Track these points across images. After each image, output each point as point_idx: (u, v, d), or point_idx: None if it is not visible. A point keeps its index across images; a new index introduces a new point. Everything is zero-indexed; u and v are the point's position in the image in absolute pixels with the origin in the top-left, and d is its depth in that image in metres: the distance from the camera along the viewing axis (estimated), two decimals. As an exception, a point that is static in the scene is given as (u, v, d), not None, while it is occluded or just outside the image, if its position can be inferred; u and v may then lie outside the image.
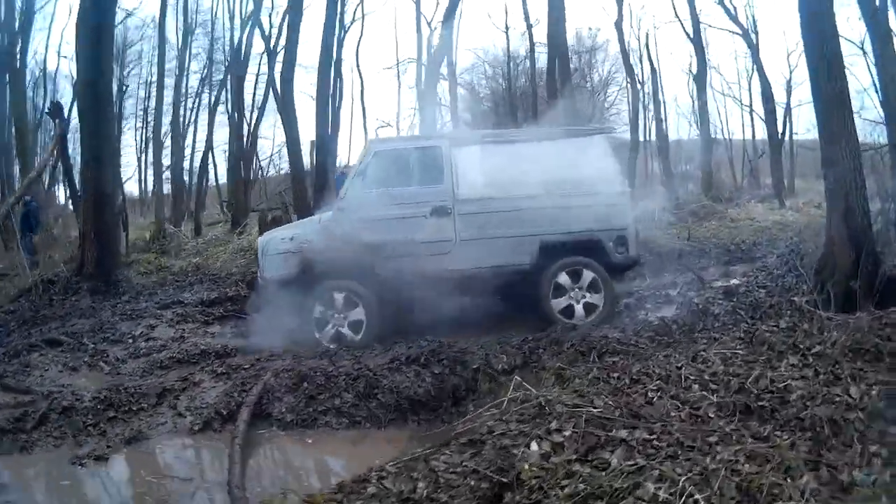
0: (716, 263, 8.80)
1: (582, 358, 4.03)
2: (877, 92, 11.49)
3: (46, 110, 14.84)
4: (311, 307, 5.29)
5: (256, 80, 21.40)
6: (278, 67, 14.75)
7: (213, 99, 21.17)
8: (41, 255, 10.02)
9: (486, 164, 5.61)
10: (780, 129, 18.35)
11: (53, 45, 37.36)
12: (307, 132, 31.51)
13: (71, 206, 11.16)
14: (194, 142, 23.23)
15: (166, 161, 20.19)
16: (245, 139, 18.93)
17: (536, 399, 2.85)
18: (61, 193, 18.76)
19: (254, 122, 19.65)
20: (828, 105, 4.76)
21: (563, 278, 5.61)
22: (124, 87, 21.20)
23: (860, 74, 20.68)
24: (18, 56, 15.14)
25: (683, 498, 1.96)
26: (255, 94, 21.40)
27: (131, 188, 24.76)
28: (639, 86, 20.50)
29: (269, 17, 19.22)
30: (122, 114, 21.19)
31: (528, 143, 5.87)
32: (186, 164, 21.77)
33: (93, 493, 3.44)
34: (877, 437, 2.25)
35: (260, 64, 20.35)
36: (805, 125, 25.34)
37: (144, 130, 25.06)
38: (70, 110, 13.05)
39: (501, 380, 3.96)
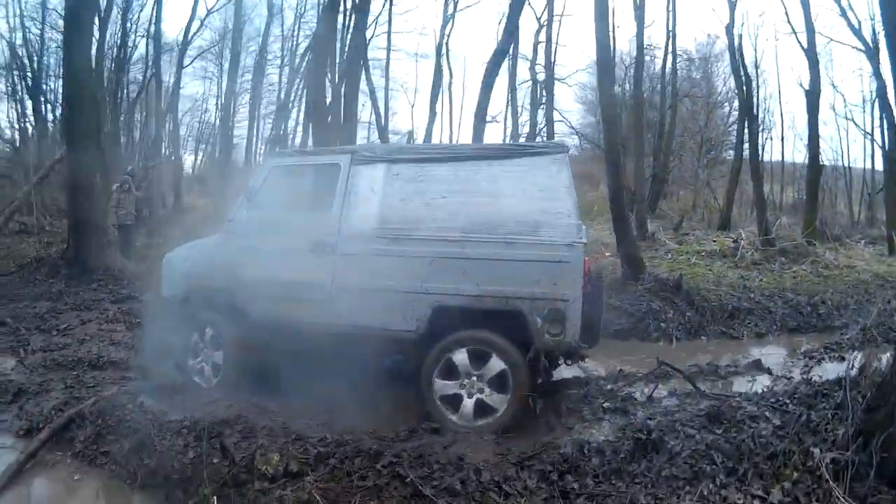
0: (774, 330, 7.66)
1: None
2: None
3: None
4: (188, 334, 4.86)
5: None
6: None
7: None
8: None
9: (388, 189, 4.43)
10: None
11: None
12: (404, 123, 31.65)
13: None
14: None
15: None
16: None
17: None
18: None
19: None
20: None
21: (461, 357, 4.11)
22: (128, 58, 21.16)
23: None
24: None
25: None
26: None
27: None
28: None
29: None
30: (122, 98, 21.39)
31: (448, 164, 4.42)
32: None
33: None
34: None
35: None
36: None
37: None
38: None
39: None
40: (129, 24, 20.32)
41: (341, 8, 14.20)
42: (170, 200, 18.00)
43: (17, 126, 19.72)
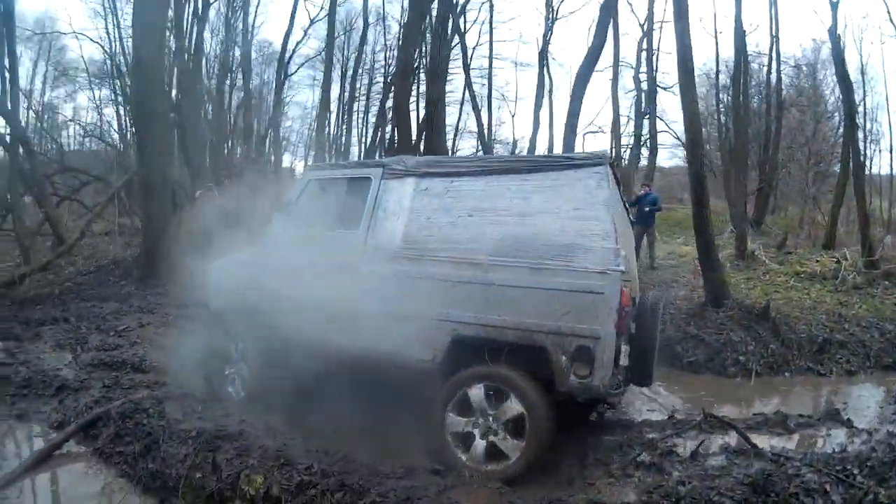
0: (866, 367, 6.82)
1: None
2: None
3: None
4: (224, 345, 4.91)
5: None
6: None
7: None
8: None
9: (416, 205, 4.24)
10: None
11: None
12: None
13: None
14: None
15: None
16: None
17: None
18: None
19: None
20: None
21: (477, 392, 3.78)
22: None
23: None
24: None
25: None
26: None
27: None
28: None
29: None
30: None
31: (478, 179, 4.13)
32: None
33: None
34: None
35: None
36: None
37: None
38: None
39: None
40: (231, 34, 22.16)
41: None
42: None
43: (118, 131, 21.63)
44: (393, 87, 14.57)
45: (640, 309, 4.22)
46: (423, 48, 17.11)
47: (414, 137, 14.12)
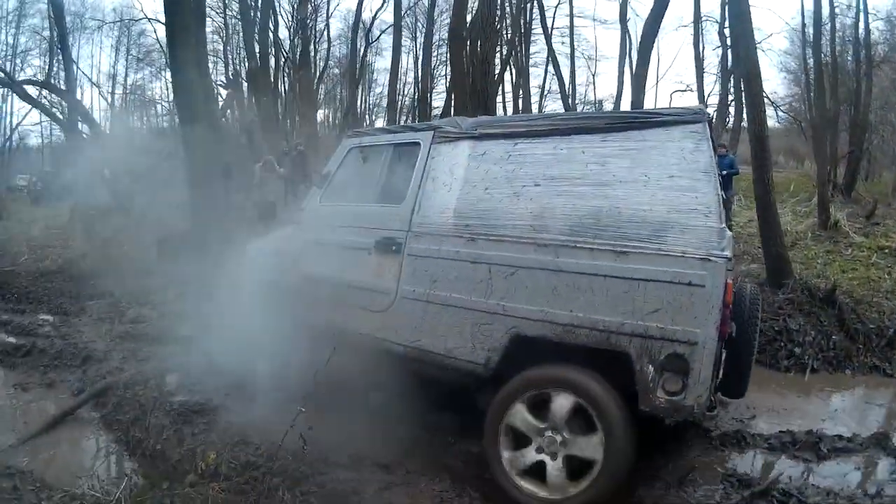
0: None
1: None
2: None
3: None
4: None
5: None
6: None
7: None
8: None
9: (472, 173, 3.66)
10: None
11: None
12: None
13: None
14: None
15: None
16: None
17: None
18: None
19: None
20: None
21: (522, 411, 3.20)
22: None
23: None
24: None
25: None
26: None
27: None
28: None
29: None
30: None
31: (547, 141, 3.46)
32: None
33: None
34: None
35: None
36: None
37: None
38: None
39: None
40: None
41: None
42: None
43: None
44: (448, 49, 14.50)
45: (736, 303, 3.46)
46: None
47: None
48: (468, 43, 12.73)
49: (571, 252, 3.17)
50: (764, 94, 21.42)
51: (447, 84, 26.91)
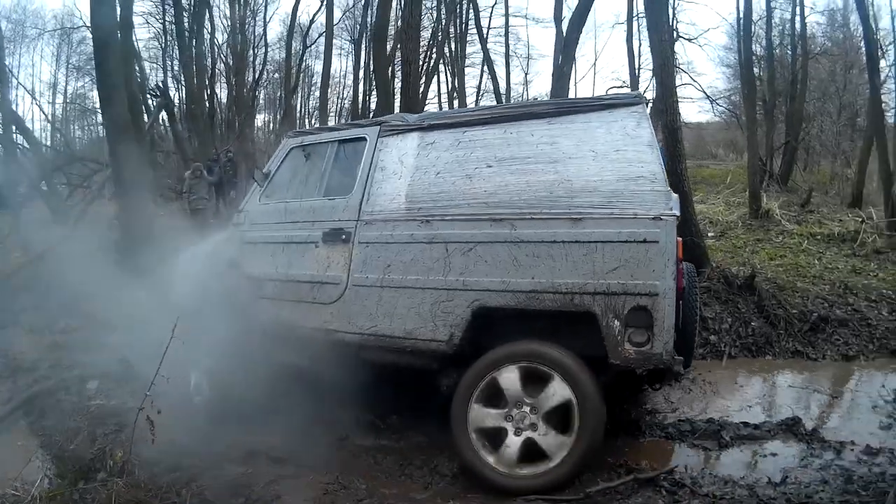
0: (869, 351, 5.98)
1: None
2: None
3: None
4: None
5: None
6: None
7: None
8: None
9: (422, 161, 3.82)
10: None
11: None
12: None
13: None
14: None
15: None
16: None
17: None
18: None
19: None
20: None
21: (509, 376, 3.33)
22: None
23: None
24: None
25: None
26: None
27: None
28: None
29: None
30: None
31: (496, 127, 3.69)
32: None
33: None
34: None
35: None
36: None
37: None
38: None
39: None
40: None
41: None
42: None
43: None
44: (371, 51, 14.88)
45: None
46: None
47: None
48: (390, 45, 13.27)
49: (529, 223, 3.38)
50: (700, 88, 22.37)
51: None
